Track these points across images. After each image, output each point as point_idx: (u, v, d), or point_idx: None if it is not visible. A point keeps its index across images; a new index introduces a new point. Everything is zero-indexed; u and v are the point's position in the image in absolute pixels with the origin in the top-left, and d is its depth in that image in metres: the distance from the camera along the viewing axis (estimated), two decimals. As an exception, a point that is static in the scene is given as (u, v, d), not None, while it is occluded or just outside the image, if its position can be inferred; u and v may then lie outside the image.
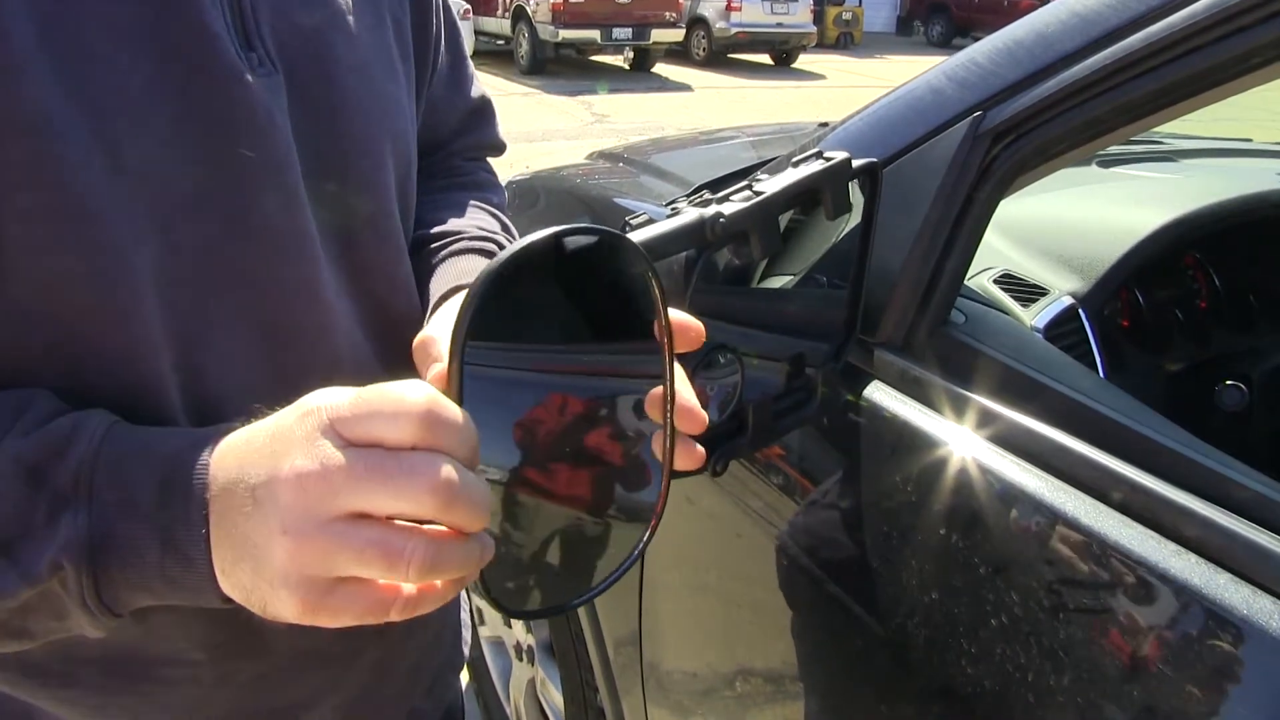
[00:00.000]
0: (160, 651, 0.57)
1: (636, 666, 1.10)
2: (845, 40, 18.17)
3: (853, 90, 11.65)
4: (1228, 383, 1.26)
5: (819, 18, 16.16)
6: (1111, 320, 1.25)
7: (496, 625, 1.76)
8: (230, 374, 0.53)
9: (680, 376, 0.49)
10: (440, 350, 0.51)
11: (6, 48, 0.43)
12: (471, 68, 0.80)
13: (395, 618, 0.41)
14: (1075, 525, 0.58)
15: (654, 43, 12.47)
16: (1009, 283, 1.12)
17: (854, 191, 0.61)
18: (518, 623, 1.64)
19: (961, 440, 0.67)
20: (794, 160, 0.58)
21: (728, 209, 0.52)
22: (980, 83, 0.71)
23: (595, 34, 11.87)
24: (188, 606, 0.45)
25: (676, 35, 12.87)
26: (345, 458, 0.38)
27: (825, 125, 1.17)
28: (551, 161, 1.98)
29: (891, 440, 0.72)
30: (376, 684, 0.69)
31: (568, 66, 12.89)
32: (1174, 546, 0.54)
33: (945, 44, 18.69)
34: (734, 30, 13.81)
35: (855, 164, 0.59)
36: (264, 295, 0.53)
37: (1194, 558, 0.53)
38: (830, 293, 0.83)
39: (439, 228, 0.70)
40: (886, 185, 0.66)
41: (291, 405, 0.42)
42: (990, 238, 0.92)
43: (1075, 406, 0.65)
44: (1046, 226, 1.25)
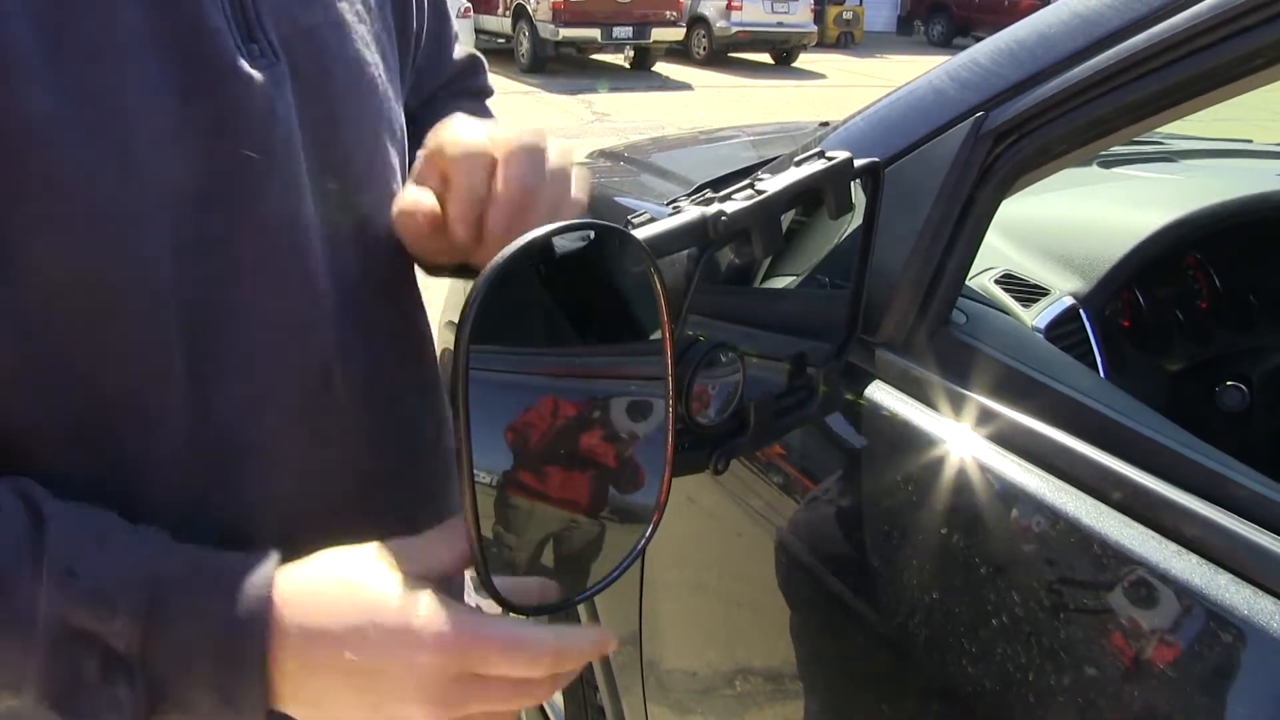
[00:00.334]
0: None
1: (636, 665, 1.10)
2: (846, 39, 18.16)
3: (853, 90, 11.64)
4: (1228, 383, 1.26)
5: (819, 17, 16.15)
6: (1112, 320, 1.25)
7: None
8: (238, 368, 0.53)
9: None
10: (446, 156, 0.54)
11: (8, 55, 0.43)
12: (454, 31, 0.79)
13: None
14: (1076, 525, 0.58)
15: (654, 42, 12.46)
16: (1010, 283, 1.12)
17: (856, 191, 0.61)
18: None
19: (962, 440, 0.67)
20: (796, 159, 0.59)
21: (730, 207, 0.52)
22: (982, 83, 0.71)
23: (596, 33, 11.87)
24: None
25: (677, 34, 12.87)
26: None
27: (826, 125, 1.17)
28: (552, 160, 1.97)
29: (892, 439, 0.72)
30: None
31: (568, 65, 12.88)
32: (1175, 547, 0.54)
33: (946, 43, 18.68)
34: (734, 29, 13.81)
35: (857, 164, 0.59)
36: (272, 288, 0.53)
37: (1195, 558, 0.53)
38: (831, 292, 0.83)
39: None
40: (888, 185, 0.66)
41: (367, 588, 0.46)
42: (991, 238, 0.92)
43: (1076, 406, 0.65)
44: (1047, 227, 1.25)
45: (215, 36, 0.49)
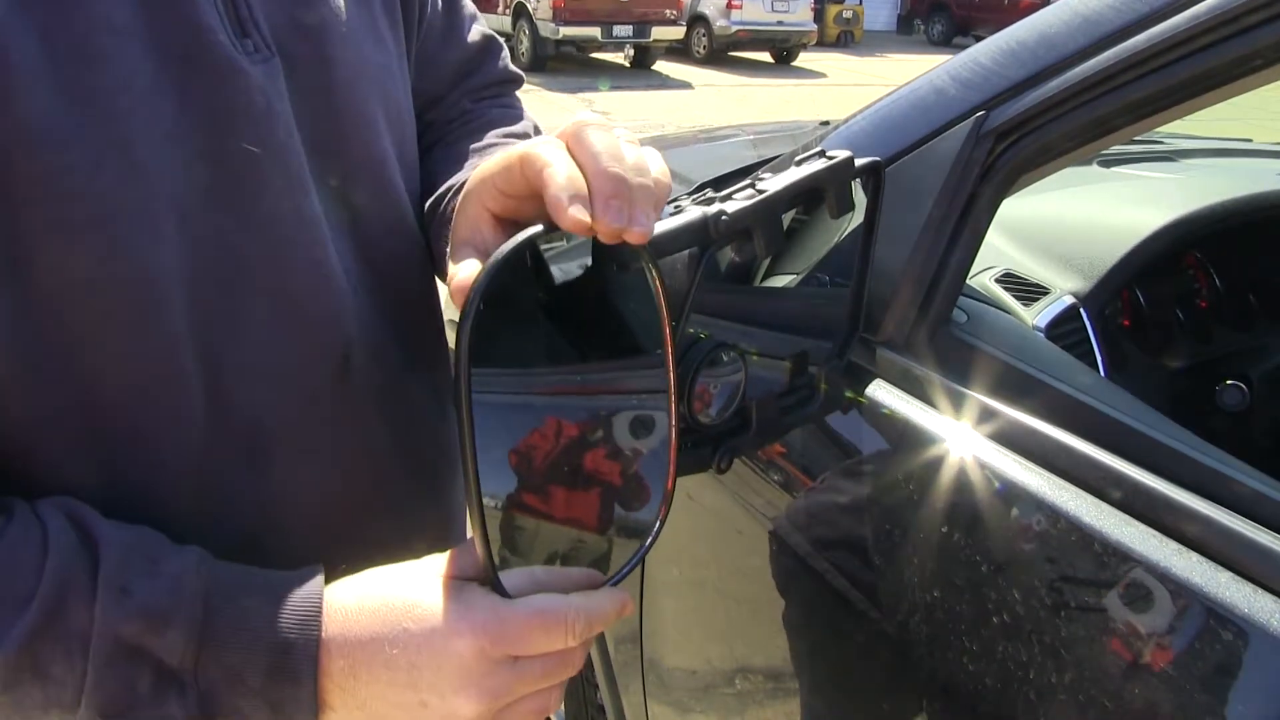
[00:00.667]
0: None
1: (637, 664, 1.11)
2: (846, 38, 18.15)
3: (853, 89, 11.65)
4: (1228, 382, 1.26)
5: (819, 16, 16.14)
6: (1112, 319, 1.25)
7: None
8: (250, 363, 0.53)
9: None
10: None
11: (6, 63, 0.42)
12: (469, 10, 0.77)
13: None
14: (1076, 523, 0.58)
15: (655, 40, 12.45)
16: (1010, 282, 1.12)
17: (856, 190, 0.61)
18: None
19: (963, 438, 0.67)
20: (797, 159, 0.59)
21: (731, 206, 0.52)
22: (983, 82, 0.71)
23: (596, 31, 11.86)
24: None
25: (677, 33, 12.86)
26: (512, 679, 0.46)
27: (826, 124, 1.17)
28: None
29: (893, 438, 0.73)
30: None
31: (568, 64, 12.87)
32: (1175, 545, 0.55)
33: (946, 42, 18.68)
34: (734, 28, 13.80)
35: (858, 163, 0.59)
36: (277, 280, 0.53)
37: (1195, 556, 0.54)
38: (833, 291, 0.83)
39: (439, 190, 0.68)
40: (889, 184, 0.66)
41: (418, 598, 0.46)
42: (992, 237, 0.92)
43: (1076, 405, 0.65)
44: (1048, 226, 1.25)
45: (209, 34, 0.49)
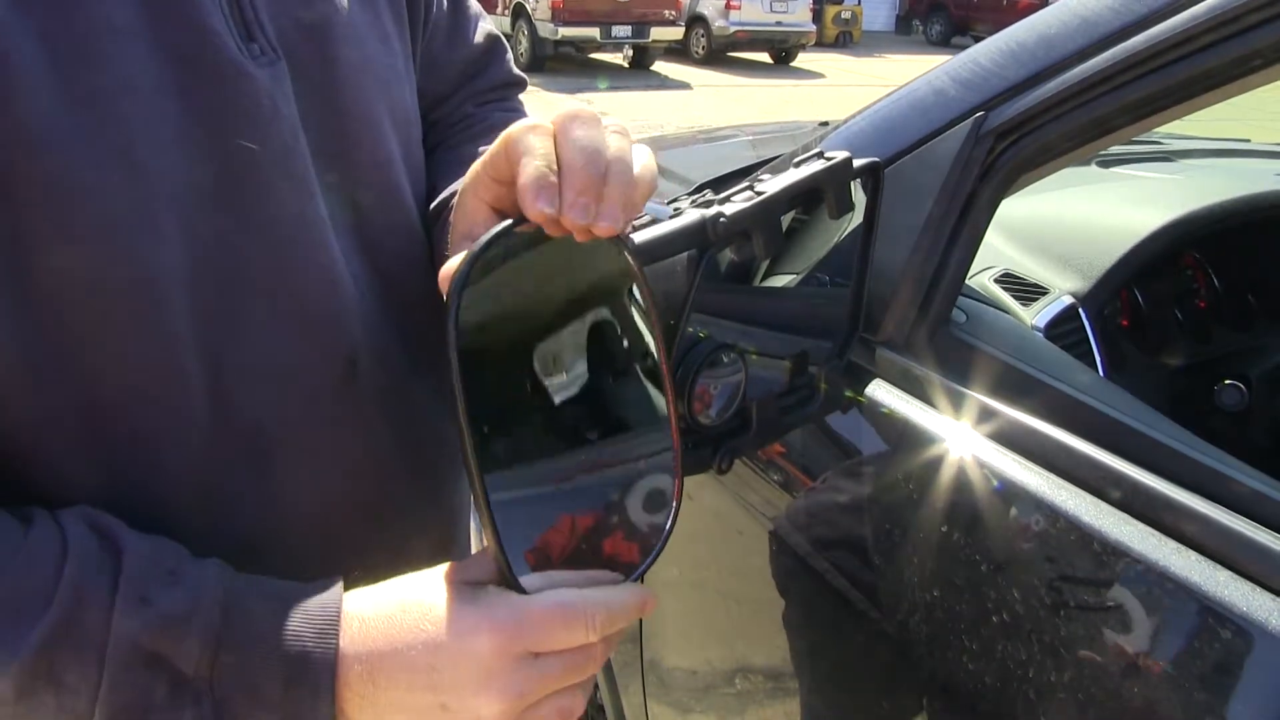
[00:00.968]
0: None
1: (637, 664, 1.11)
2: (844, 39, 18.16)
3: (852, 89, 11.65)
4: (1226, 382, 1.27)
5: (818, 16, 16.14)
6: (1111, 319, 1.26)
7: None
8: (253, 365, 0.53)
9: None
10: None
11: (8, 71, 0.42)
12: (475, 10, 0.77)
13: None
14: (1075, 522, 0.58)
15: (653, 41, 12.45)
16: (1010, 282, 1.12)
17: (856, 190, 0.61)
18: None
19: (962, 438, 0.67)
20: (796, 160, 0.59)
21: (729, 209, 0.52)
22: (983, 83, 0.71)
23: (595, 32, 11.86)
24: None
25: (676, 33, 12.86)
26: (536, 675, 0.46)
27: (825, 124, 1.17)
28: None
29: (893, 438, 0.73)
30: None
31: (567, 64, 12.87)
32: (1174, 544, 0.55)
33: (944, 42, 18.69)
34: (733, 29, 13.80)
35: (857, 163, 0.59)
36: (283, 284, 0.53)
37: (1193, 555, 0.54)
38: (832, 291, 0.83)
39: (442, 195, 0.67)
40: (889, 184, 0.66)
41: (432, 602, 0.46)
42: (991, 237, 0.93)
43: (1075, 405, 0.66)
44: (1047, 226, 1.26)
45: (214, 38, 0.49)
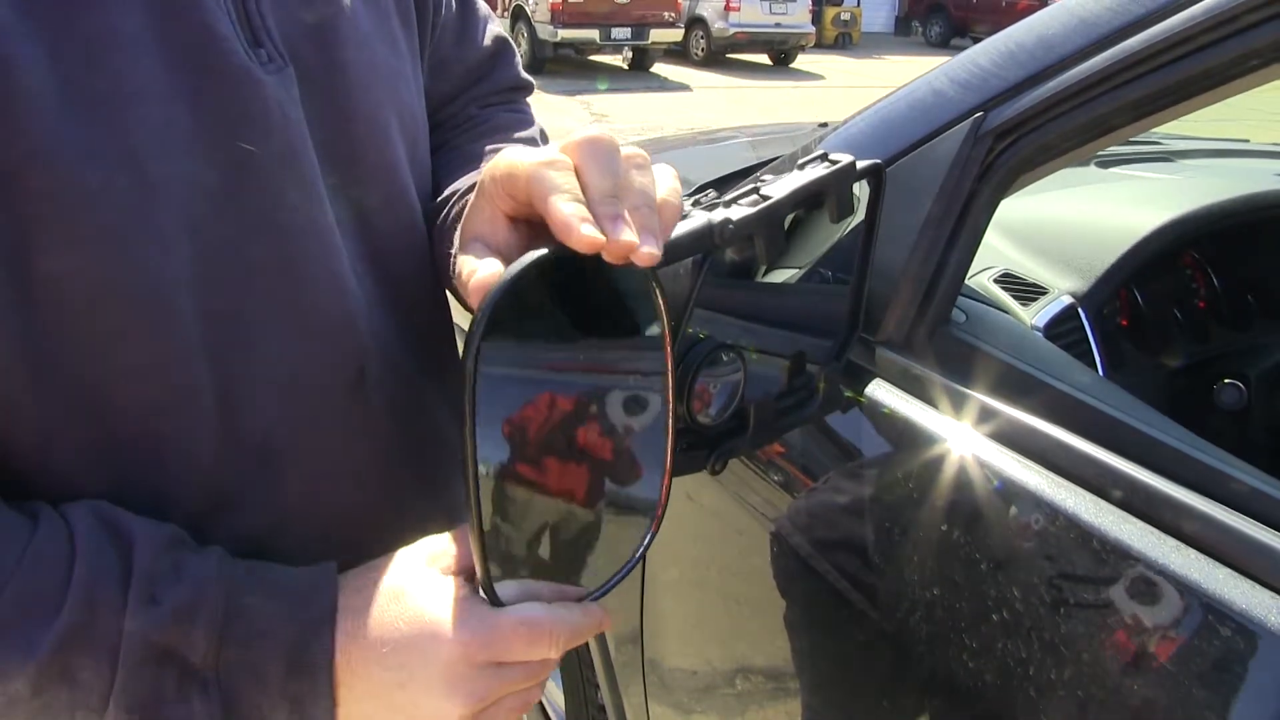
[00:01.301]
0: None
1: (638, 664, 1.11)
2: (844, 40, 18.17)
3: (851, 90, 11.65)
4: (1226, 381, 1.27)
5: (817, 18, 16.16)
6: (1110, 319, 1.26)
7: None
8: (263, 375, 0.52)
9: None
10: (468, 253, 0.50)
11: (13, 78, 0.42)
12: (484, 11, 0.77)
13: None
14: (1075, 521, 0.59)
15: (653, 42, 12.47)
16: (1009, 282, 1.12)
17: (856, 189, 0.62)
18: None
19: (962, 437, 0.67)
20: (799, 162, 0.59)
21: (735, 214, 0.52)
22: (982, 84, 0.72)
23: (594, 34, 11.88)
24: None
25: (675, 35, 12.88)
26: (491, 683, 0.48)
27: (825, 125, 1.18)
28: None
29: (893, 437, 0.73)
30: None
31: (566, 66, 12.88)
32: (1173, 542, 0.55)
33: (944, 44, 18.69)
34: (732, 30, 13.81)
35: (860, 165, 0.59)
36: (292, 291, 0.53)
37: (1193, 553, 0.54)
38: (833, 290, 0.83)
39: (444, 193, 0.67)
40: (888, 185, 0.66)
41: (412, 602, 0.48)
42: (990, 237, 0.93)
43: (1075, 404, 0.66)
44: (1046, 226, 1.26)
45: (223, 43, 0.48)
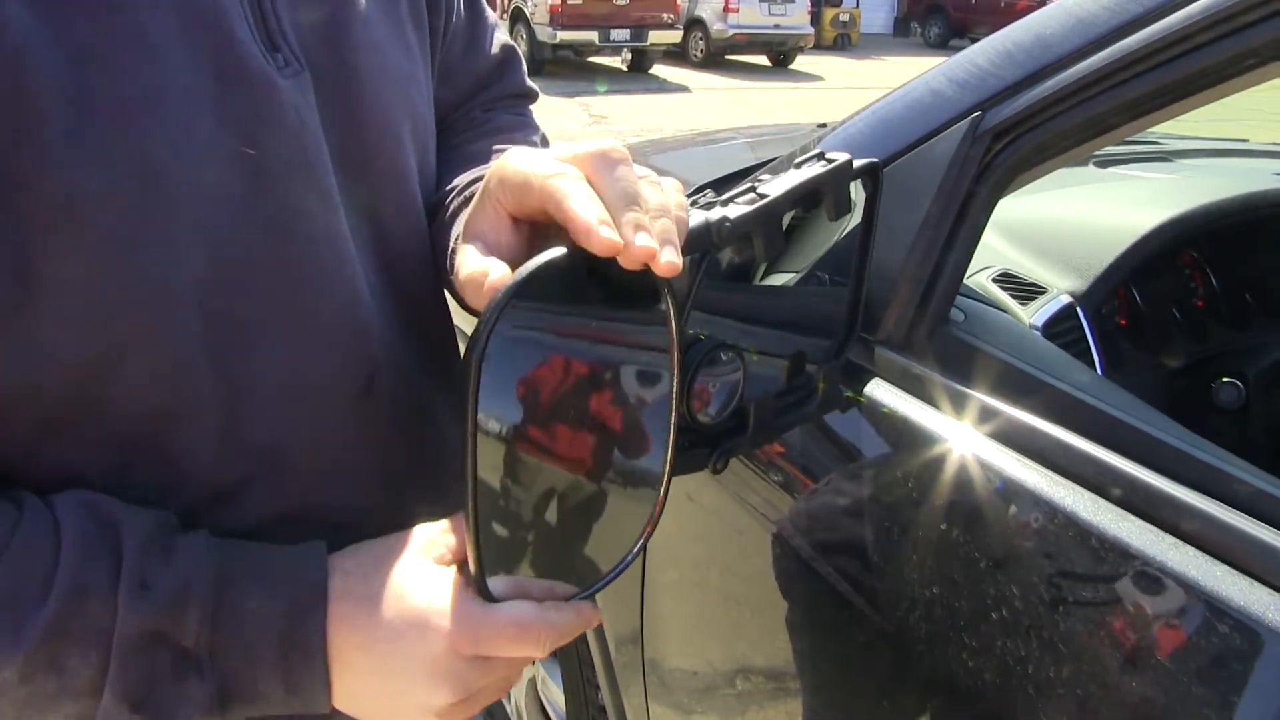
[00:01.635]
0: None
1: (638, 664, 1.11)
2: (842, 41, 18.18)
3: (850, 91, 11.66)
4: (1224, 380, 1.27)
5: (816, 19, 16.17)
6: (1109, 318, 1.26)
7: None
8: (272, 382, 0.52)
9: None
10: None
11: (26, 80, 0.41)
12: (492, 19, 0.76)
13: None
14: (1074, 520, 0.59)
15: (652, 44, 12.48)
16: (1008, 281, 1.13)
17: (855, 190, 0.62)
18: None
19: (961, 436, 0.67)
20: (796, 162, 0.59)
21: (733, 212, 0.52)
22: (980, 84, 0.72)
23: (593, 35, 11.88)
24: None
25: (674, 37, 12.89)
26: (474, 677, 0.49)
27: (824, 126, 1.18)
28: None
29: (892, 437, 0.73)
30: None
31: (566, 67, 12.89)
32: (1172, 540, 0.55)
33: (943, 45, 18.69)
34: (731, 31, 13.82)
35: (857, 164, 0.60)
36: (306, 300, 0.52)
37: (1192, 551, 0.54)
38: (831, 290, 0.83)
39: (437, 194, 0.66)
40: (887, 184, 0.66)
41: (407, 592, 0.49)
42: (989, 237, 0.93)
43: (1074, 403, 0.66)
44: (1045, 226, 1.26)
45: (241, 48, 0.48)
